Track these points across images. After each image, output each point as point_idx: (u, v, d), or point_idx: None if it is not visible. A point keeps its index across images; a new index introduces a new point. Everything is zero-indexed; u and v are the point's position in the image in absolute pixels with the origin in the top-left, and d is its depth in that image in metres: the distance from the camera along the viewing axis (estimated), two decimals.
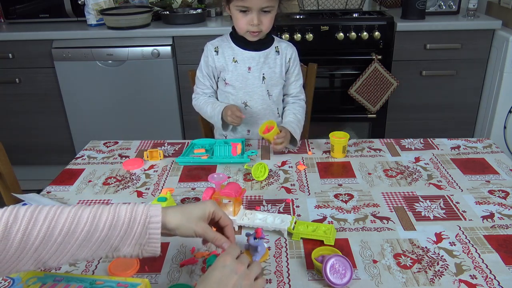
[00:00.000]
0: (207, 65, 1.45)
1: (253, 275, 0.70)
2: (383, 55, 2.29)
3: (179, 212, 0.75)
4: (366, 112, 2.42)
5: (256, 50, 1.41)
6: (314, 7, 2.43)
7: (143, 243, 0.70)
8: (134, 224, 0.69)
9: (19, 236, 0.62)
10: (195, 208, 0.77)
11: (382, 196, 1.08)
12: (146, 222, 0.70)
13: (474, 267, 0.83)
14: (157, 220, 0.70)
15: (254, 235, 0.84)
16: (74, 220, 0.66)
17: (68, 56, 2.33)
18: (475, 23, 2.26)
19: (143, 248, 0.70)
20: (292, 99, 1.50)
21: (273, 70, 1.43)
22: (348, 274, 0.78)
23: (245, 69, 1.41)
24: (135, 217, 0.69)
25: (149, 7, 2.50)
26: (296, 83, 1.49)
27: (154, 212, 0.71)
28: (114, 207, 0.70)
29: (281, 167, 1.25)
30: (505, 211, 1.01)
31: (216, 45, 1.44)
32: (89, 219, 0.67)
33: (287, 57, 1.45)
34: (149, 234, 0.70)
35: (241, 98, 1.44)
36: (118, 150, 1.38)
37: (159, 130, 2.49)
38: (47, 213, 0.65)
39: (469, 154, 1.30)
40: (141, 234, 0.69)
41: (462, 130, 2.50)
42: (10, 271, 0.63)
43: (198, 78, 1.49)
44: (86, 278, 0.76)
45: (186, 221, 0.74)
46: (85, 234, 0.66)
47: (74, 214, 0.67)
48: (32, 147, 2.60)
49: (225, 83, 1.44)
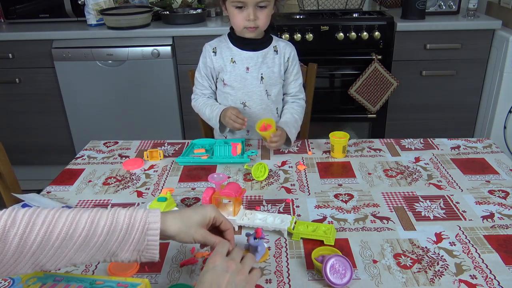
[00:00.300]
0: (205, 66, 1.45)
1: (246, 268, 0.69)
2: (383, 55, 2.29)
3: (178, 218, 0.74)
4: (366, 112, 2.42)
5: (254, 50, 1.41)
6: (314, 7, 2.43)
7: (141, 249, 0.70)
8: (133, 230, 0.68)
9: (17, 239, 0.62)
10: (195, 214, 0.76)
11: (382, 196, 1.08)
12: (145, 228, 0.69)
13: (474, 267, 0.83)
14: (156, 227, 0.70)
15: (254, 235, 0.84)
16: (72, 225, 0.66)
17: (68, 56, 2.33)
18: (475, 23, 2.26)
19: (141, 254, 0.70)
20: (292, 98, 1.50)
21: (271, 70, 1.43)
22: (348, 274, 0.78)
23: (243, 69, 1.41)
24: (133, 223, 0.69)
25: (149, 7, 2.50)
26: (295, 83, 1.49)
27: (153, 219, 0.70)
28: (113, 212, 0.70)
29: (281, 167, 1.25)
30: (505, 211, 1.01)
31: (214, 45, 1.44)
32: (87, 224, 0.66)
33: (286, 56, 1.45)
34: (148, 241, 0.69)
35: (240, 99, 1.44)
36: (118, 150, 1.38)
37: (159, 130, 2.49)
38: (45, 217, 0.65)
39: (469, 154, 1.30)
40: (139, 241, 0.69)
41: (462, 130, 2.50)
42: (8, 274, 0.63)
43: (197, 79, 1.49)
44: (86, 278, 0.76)
45: (185, 228, 0.73)
46: (83, 239, 0.66)
47: (72, 219, 0.66)
48: (32, 147, 2.60)
49: (224, 83, 1.44)
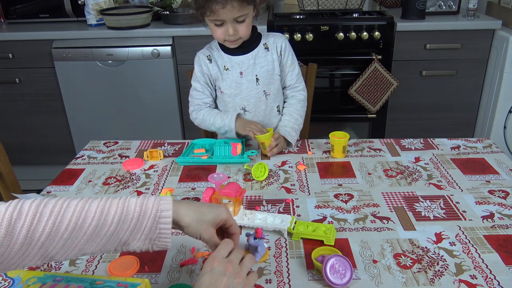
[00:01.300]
0: (203, 74, 1.43)
1: (244, 271, 0.68)
2: (383, 55, 2.29)
3: (192, 211, 0.72)
4: (366, 112, 2.42)
5: (245, 53, 1.39)
6: (314, 7, 2.43)
7: (153, 238, 0.68)
8: (144, 218, 0.67)
9: (24, 232, 0.60)
10: (209, 211, 0.74)
11: (382, 196, 1.08)
12: (157, 217, 0.67)
13: (474, 267, 0.83)
14: (168, 215, 0.68)
15: (254, 235, 0.84)
16: (81, 215, 0.64)
17: (68, 56, 2.33)
18: (475, 23, 2.26)
19: (153, 243, 0.68)
20: (291, 91, 1.48)
21: (266, 69, 1.41)
22: (348, 274, 0.78)
23: (237, 75, 1.40)
24: (145, 211, 0.67)
25: (149, 7, 2.50)
26: (292, 74, 1.46)
27: (165, 206, 0.68)
28: (123, 200, 0.68)
29: (281, 167, 1.25)
30: (505, 211, 1.01)
31: (207, 53, 1.43)
32: (97, 213, 0.65)
33: (278, 49, 1.42)
34: (160, 229, 0.68)
35: (239, 104, 1.44)
36: (118, 150, 1.38)
37: (159, 130, 2.49)
38: (53, 207, 0.63)
39: (469, 154, 1.30)
40: (151, 229, 0.67)
41: (462, 130, 2.50)
42: (16, 266, 0.62)
43: (195, 89, 1.46)
44: (86, 278, 0.76)
45: (197, 222, 0.72)
46: (93, 228, 0.64)
47: (81, 208, 0.64)
48: (32, 147, 2.60)
49: (221, 91, 1.43)
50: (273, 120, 1.48)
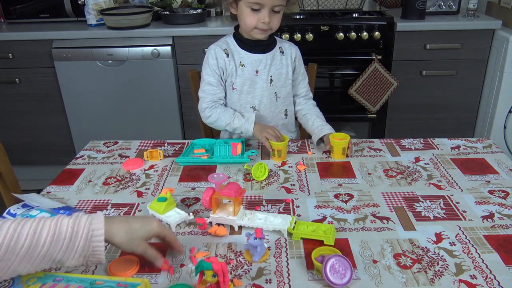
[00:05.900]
0: (218, 68, 1.38)
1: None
2: (383, 55, 2.29)
3: (123, 230, 0.77)
4: (366, 112, 2.42)
5: (262, 52, 1.39)
6: (314, 7, 2.43)
7: (87, 255, 0.72)
8: (76, 238, 0.70)
9: None
10: (140, 229, 0.79)
11: (382, 196, 1.08)
12: (89, 236, 0.71)
13: (474, 267, 0.83)
14: (100, 233, 0.72)
15: (254, 235, 0.84)
16: (14, 236, 0.66)
17: (68, 56, 2.33)
18: (475, 23, 2.26)
19: (87, 259, 0.72)
20: (303, 99, 1.50)
21: (280, 72, 1.42)
22: (348, 274, 0.78)
23: (253, 72, 1.39)
24: (77, 231, 0.70)
25: (149, 7, 2.50)
26: (303, 82, 1.49)
27: (97, 226, 0.72)
28: (56, 221, 0.71)
29: (281, 167, 1.25)
30: (505, 211, 1.01)
31: (224, 47, 1.39)
32: (29, 235, 0.67)
33: (292, 56, 1.44)
34: (93, 247, 0.72)
35: (250, 102, 1.43)
36: (118, 150, 1.38)
37: (159, 130, 2.49)
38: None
39: (469, 154, 1.30)
40: (84, 247, 0.71)
41: (462, 130, 2.50)
42: None
43: (209, 84, 1.39)
44: (86, 278, 0.76)
45: (128, 241, 0.77)
46: (26, 250, 0.67)
47: (13, 230, 0.67)
48: (32, 147, 2.60)
49: (233, 87, 1.41)
50: (279, 123, 1.49)
